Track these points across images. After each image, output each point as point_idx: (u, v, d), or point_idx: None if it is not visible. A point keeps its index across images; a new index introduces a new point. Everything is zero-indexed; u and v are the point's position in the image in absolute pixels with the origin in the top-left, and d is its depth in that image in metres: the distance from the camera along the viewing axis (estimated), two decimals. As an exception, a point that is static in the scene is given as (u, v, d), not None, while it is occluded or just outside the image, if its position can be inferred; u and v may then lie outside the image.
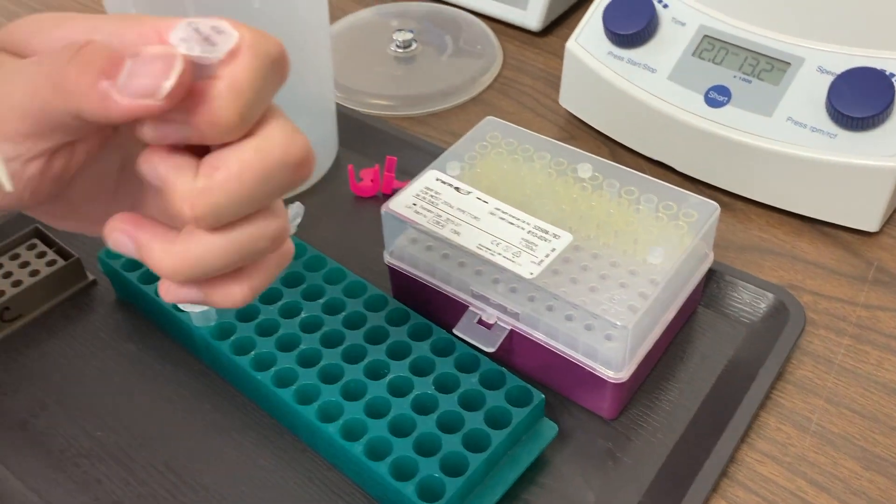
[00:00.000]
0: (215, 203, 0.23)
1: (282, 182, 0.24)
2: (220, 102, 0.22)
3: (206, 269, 0.24)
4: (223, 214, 0.24)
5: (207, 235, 0.24)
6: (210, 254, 0.24)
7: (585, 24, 0.53)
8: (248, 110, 0.23)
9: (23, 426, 0.39)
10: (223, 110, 0.23)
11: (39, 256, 0.45)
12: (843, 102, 0.45)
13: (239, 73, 0.23)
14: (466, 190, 0.41)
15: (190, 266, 0.24)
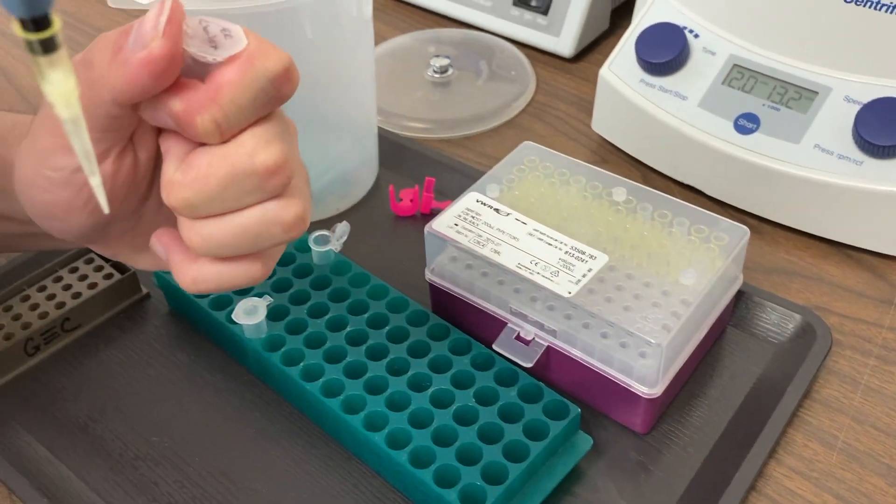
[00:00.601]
0: (184, 197, 0.26)
1: (251, 187, 0.26)
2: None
3: (219, 249, 0.27)
4: (195, 207, 0.26)
5: (212, 222, 0.27)
6: (220, 236, 0.27)
7: (618, 53, 0.55)
8: (226, 121, 0.25)
9: (83, 430, 0.41)
10: (201, 117, 0.25)
11: (97, 270, 0.47)
12: (869, 131, 0.46)
13: (225, 85, 0.25)
14: (506, 211, 0.43)
15: (207, 245, 0.27)
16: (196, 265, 0.28)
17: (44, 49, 0.20)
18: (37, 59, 0.20)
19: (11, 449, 0.40)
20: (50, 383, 0.43)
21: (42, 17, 0.20)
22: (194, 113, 0.25)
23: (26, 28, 0.20)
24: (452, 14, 0.70)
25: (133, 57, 0.24)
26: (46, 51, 0.20)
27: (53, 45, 0.20)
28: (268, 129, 0.26)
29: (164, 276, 0.45)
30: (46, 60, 0.20)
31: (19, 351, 0.44)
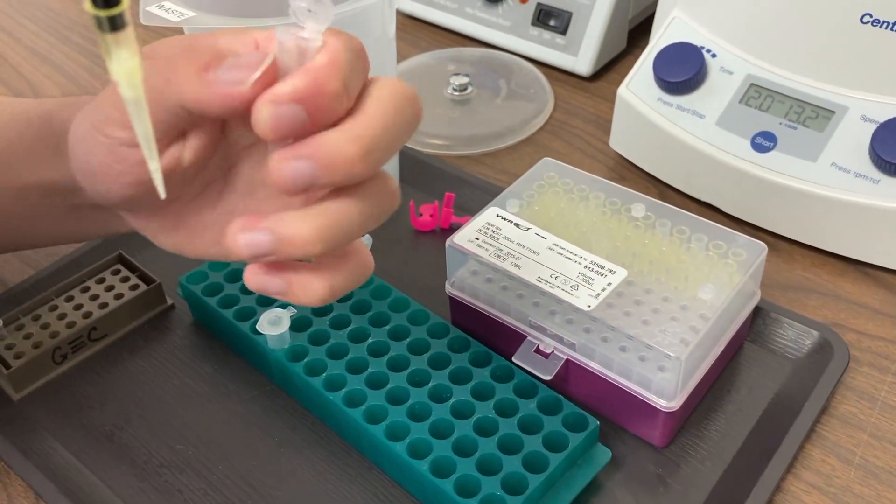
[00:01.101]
0: (362, 142, 0.26)
1: (411, 114, 0.28)
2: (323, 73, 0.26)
3: (341, 231, 0.27)
4: (374, 151, 0.26)
5: (338, 200, 0.27)
6: (345, 215, 0.27)
7: (636, 72, 0.56)
8: (347, 84, 0.26)
9: (109, 438, 0.42)
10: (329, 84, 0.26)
11: (123, 281, 0.48)
12: (885, 149, 0.47)
13: (333, 53, 0.26)
14: (526, 226, 0.43)
15: (327, 226, 0.27)
16: (328, 273, 0.29)
17: (111, 26, 0.21)
18: (104, 37, 0.21)
19: (39, 455, 0.41)
20: (77, 391, 0.44)
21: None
22: (322, 84, 0.26)
23: (96, 4, 0.20)
24: (472, 33, 0.72)
25: (221, 87, 0.26)
26: (114, 28, 0.21)
27: (121, 23, 0.21)
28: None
29: (189, 286, 0.46)
30: (113, 38, 0.21)
31: (47, 359, 0.45)
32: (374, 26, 0.47)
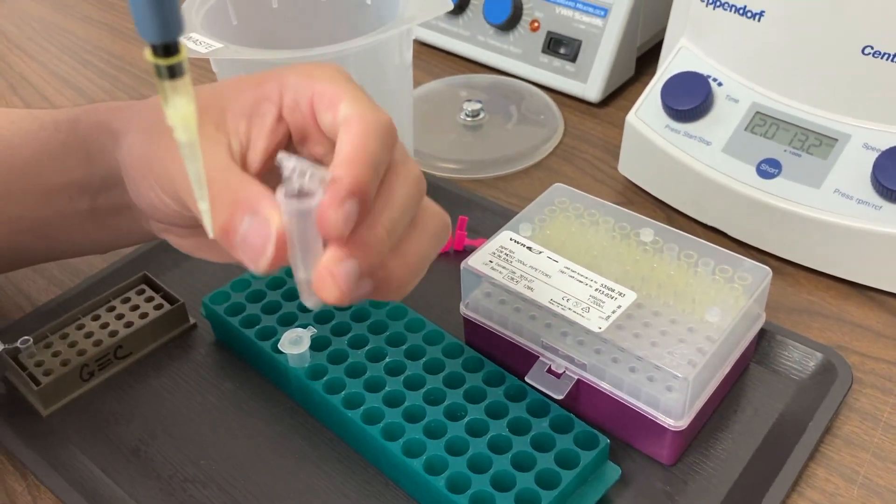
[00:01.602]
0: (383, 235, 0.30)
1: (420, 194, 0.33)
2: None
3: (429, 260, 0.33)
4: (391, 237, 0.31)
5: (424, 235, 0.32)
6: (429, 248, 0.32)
7: (645, 99, 0.57)
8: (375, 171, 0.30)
9: (135, 453, 0.43)
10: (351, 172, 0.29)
11: (148, 301, 0.50)
12: (887, 177, 0.48)
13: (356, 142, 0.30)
14: (538, 249, 0.45)
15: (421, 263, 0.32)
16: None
17: (170, 74, 0.22)
18: (162, 84, 0.22)
19: (68, 468, 0.42)
20: (103, 407, 0.46)
21: (172, 44, 0.21)
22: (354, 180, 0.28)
23: (156, 53, 0.22)
24: (484, 61, 0.74)
25: (239, 252, 0.28)
26: (172, 76, 0.22)
27: (179, 71, 0.22)
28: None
29: (212, 306, 0.48)
30: (171, 85, 0.22)
31: (75, 376, 0.46)
32: (392, 55, 0.49)
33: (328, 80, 0.33)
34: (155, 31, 0.21)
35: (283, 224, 0.28)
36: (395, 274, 0.31)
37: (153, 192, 0.34)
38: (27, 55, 0.81)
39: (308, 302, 0.30)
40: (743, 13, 0.54)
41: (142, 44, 0.80)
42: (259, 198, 0.29)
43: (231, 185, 0.29)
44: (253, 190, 0.29)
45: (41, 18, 0.88)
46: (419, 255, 0.33)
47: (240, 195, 0.29)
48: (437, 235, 0.34)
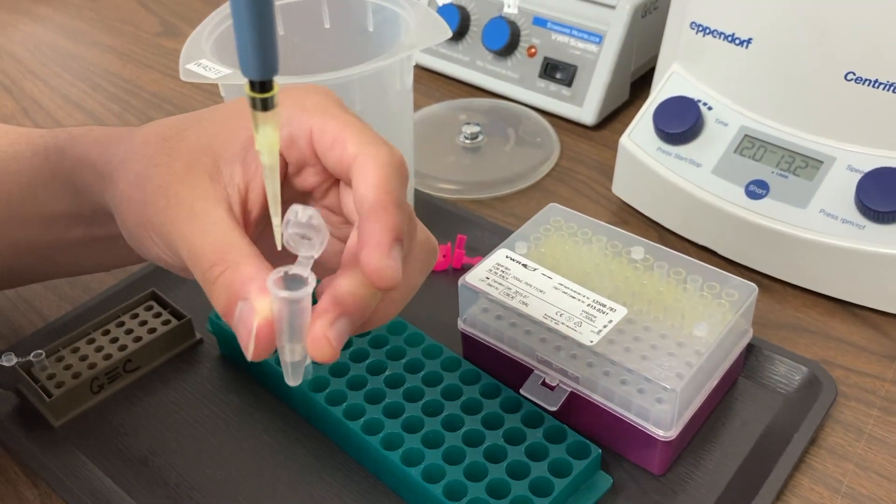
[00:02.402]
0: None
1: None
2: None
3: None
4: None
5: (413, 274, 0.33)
6: (416, 279, 0.34)
7: (637, 123, 0.59)
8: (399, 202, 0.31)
9: (144, 462, 0.45)
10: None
11: (156, 316, 0.52)
12: (870, 197, 0.50)
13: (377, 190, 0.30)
14: (533, 267, 0.47)
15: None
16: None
17: (263, 107, 0.24)
18: (255, 114, 0.25)
19: (79, 477, 0.44)
20: (113, 419, 0.47)
21: (267, 81, 0.24)
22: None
23: (253, 88, 0.24)
24: (482, 85, 0.76)
25: (234, 325, 0.30)
26: (264, 108, 0.25)
27: (271, 104, 0.25)
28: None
29: (217, 322, 0.49)
30: (262, 116, 0.25)
31: (86, 389, 0.48)
32: (394, 80, 0.51)
33: (322, 112, 0.32)
34: (256, 69, 0.23)
35: (273, 311, 0.28)
36: (379, 313, 0.32)
37: (156, 245, 0.33)
38: (39, 80, 0.83)
39: (292, 382, 0.31)
40: (732, 40, 0.56)
41: (149, 69, 0.82)
42: (250, 284, 0.29)
43: (229, 258, 0.30)
44: (246, 272, 0.29)
45: (53, 44, 0.90)
46: (406, 289, 0.33)
47: (234, 277, 0.29)
48: (424, 264, 0.34)
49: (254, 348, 0.29)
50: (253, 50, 0.23)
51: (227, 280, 0.29)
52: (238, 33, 0.23)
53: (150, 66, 0.85)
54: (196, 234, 0.31)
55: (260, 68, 0.24)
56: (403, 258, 0.30)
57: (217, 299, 0.30)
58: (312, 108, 0.32)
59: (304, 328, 0.29)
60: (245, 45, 0.23)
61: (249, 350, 0.29)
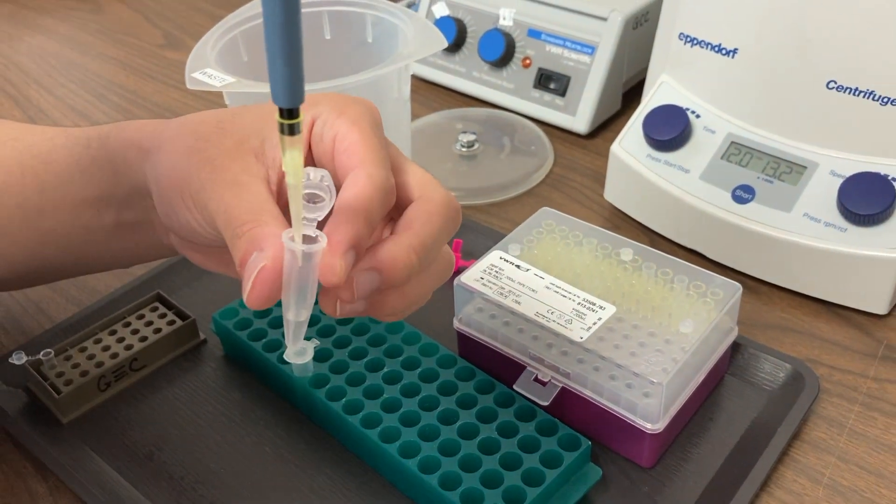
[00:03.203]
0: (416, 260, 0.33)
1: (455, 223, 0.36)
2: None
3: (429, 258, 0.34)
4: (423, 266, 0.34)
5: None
6: (430, 286, 0.35)
7: (628, 131, 0.61)
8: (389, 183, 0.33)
9: (149, 457, 0.46)
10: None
11: (161, 317, 0.53)
12: (851, 201, 0.52)
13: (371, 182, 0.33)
14: (526, 267, 0.48)
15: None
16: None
17: (290, 132, 0.27)
18: (283, 137, 0.27)
19: (87, 471, 0.45)
20: (119, 415, 0.49)
21: (295, 109, 0.27)
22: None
23: (282, 115, 0.27)
24: (478, 95, 0.78)
25: (242, 267, 0.32)
26: (291, 133, 0.27)
27: (297, 130, 0.27)
28: None
29: (222, 322, 0.51)
30: (290, 140, 0.27)
31: (93, 387, 0.49)
32: (391, 89, 0.53)
33: (352, 123, 0.35)
34: (286, 99, 0.26)
35: (282, 263, 0.31)
36: (388, 301, 0.34)
37: (189, 210, 0.36)
38: (45, 90, 0.85)
39: (291, 345, 0.33)
40: (718, 50, 0.58)
41: (153, 79, 0.84)
42: (270, 238, 0.31)
43: (261, 219, 0.32)
44: (271, 229, 0.32)
45: (58, 55, 0.92)
46: (419, 290, 0.35)
47: (258, 231, 0.32)
48: (440, 274, 0.36)
49: (251, 289, 0.30)
50: (284, 82, 0.26)
51: (252, 234, 0.32)
52: (271, 67, 0.25)
53: (153, 76, 0.87)
54: (235, 200, 0.33)
55: (290, 98, 0.26)
56: (429, 264, 0.34)
57: (237, 251, 0.32)
58: (347, 114, 0.35)
59: (310, 287, 0.31)
60: (277, 78, 0.26)
61: (246, 291, 0.30)
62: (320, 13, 0.58)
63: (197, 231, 0.37)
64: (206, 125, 0.37)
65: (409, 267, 0.32)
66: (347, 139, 0.34)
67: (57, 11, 1.02)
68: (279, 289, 0.31)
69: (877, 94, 0.52)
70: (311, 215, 0.31)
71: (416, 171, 0.36)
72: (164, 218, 0.39)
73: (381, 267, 0.32)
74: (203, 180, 0.34)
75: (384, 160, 0.34)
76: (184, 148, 0.36)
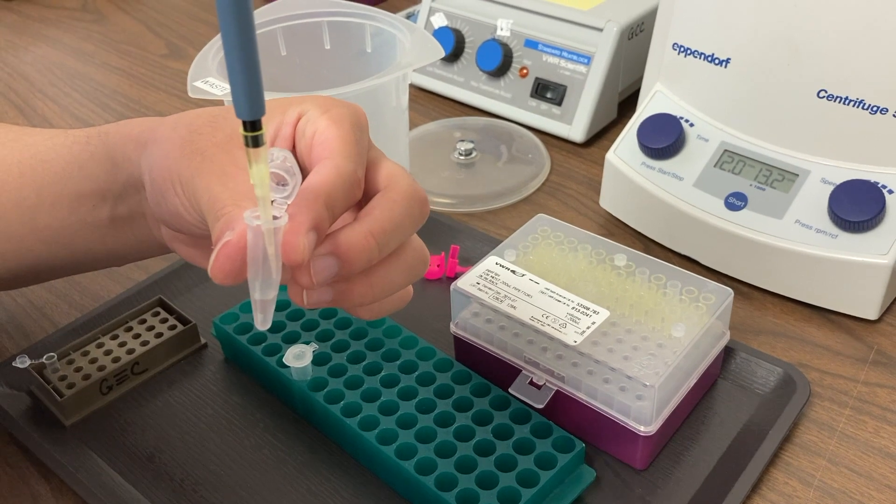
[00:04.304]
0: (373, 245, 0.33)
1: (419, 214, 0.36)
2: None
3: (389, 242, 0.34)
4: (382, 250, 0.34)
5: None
6: (398, 277, 0.35)
7: (623, 139, 0.62)
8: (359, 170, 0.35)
9: (150, 459, 0.47)
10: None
11: (162, 322, 0.54)
12: (841, 208, 0.53)
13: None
14: (521, 273, 0.49)
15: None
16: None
17: (254, 143, 0.28)
18: (248, 150, 0.28)
19: (89, 472, 0.46)
20: (121, 418, 0.50)
21: (257, 121, 0.28)
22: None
23: (245, 128, 0.28)
24: (477, 104, 0.79)
25: (215, 245, 0.32)
26: (256, 145, 0.28)
27: (261, 141, 0.28)
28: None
29: (223, 326, 0.52)
30: (254, 152, 0.28)
31: (95, 390, 0.50)
32: (389, 98, 0.54)
33: (333, 121, 0.36)
34: (247, 111, 0.28)
35: (245, 240, 0.31)
36: (355, 290, 0.34)
37: (178, 196, 0.37)
38: (49, 99, 0.86)
39: (260, 325, 0.33)
40: (711, 60, 0.59)
41: (155, 89, 0.85)
42: (238, 218, 0.32)
43: (241, 204, 0.33)
44: (241, 211, 0.33)
45: (62, 65, 0.93)
46: (386, 281, 0.35)
47: (235, 213, 0.33)
48: (409, 267, 0.36)
49: (213, 262, 0.31)
50: (244, 96, 0.27)
51: (229, 215, 0.33)
52: (232, 83, 0.27)
53: (156, 86, 0.88)
54: (220, 188, 0.34)
55: (250, 110, 0.28)
56: (389, 250, 0.34)
57: (214, 231, 0.33)
58: (330, 113, 0.36)
59: (273, 266, 0.31)
60: (238, 92, 0.27)
61: (210, 264, 0.31)
62: (320, 23, 0.59)
63: (184, 217, 0.38)
64: (200, 119, 0.38)
65: (366, 251, 0.33)
66: (325, 134, 0.35)
67: (61, 22, 1.04)
68: (242, 265, 0.31)
69: (866, 104, 0.53)
70: (275, 195, 0.32)
71: (388, 165, 0.36)
72: (155, 206, 0.40)
73: (338, 251, 0.32)
74: (193, 169, 0.36)
75: (355, 155, 0.35)
76: (178, 139, 0.37)
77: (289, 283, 0.33)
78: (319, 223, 0.32)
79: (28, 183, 0.43)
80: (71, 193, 0.43)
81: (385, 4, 1.04)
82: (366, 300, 0.35)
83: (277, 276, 0.32)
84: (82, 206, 0.43)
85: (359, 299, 0.34)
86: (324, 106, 0.36)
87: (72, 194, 0.43)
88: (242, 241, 0.31)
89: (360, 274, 0.34)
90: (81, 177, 0.43)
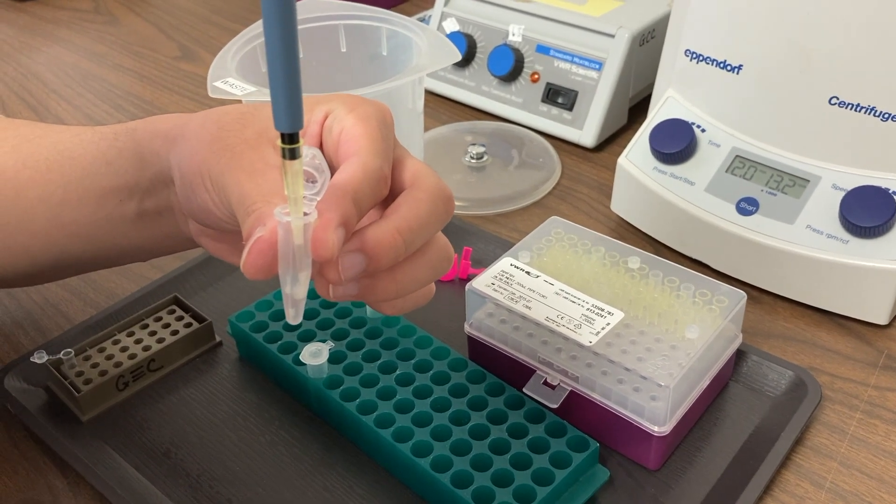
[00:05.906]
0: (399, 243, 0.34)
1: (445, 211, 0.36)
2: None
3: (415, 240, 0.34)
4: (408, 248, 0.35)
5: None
6: (423, 274, 0.35)
7: (634, 144, 0.63)
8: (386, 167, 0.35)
9: (166, 455, 0.48)
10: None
11: (178, 320, 0.54)
12: (853, 214, 0.53)
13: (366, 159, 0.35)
14: (536, 274, 0.50)
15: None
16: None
17: (291, 156, 0.29)
18: (284, 161, 0.29)
19: (106, 467, 0.46)
20: (137, 414, 0.50)
21: (295, 134, 0.29)
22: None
23: (283, 140, 0.29)
24: (488, 109, 0.79)
25: (246, 242, 0.33)
26: (293, 157, 0.29)
27: (298, 154, 0.29)
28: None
29: (237, 324, 0.52)
30: (290, 164, 0.29)
31: (111, 386, 0.50)
32: (405, 101, 0.55)
33: (359, 118, 0.36)
34: (287, 124, 0.28)
35: (277, 237, 0.32)
36: (380, 286, 0.35)
37: (208, 192, 0.37)
38: (64, 100, 0.87)
39: (291, 319, 0.34)
40: (723, 67, 0.60)
41: (169, 90, 0.86)
42: (269, 214, 0.33)
43: (272, 201, 0.34)
44: (271, 207, 0.33)
45: (76, 66, 0.94)
46: (410, 277, 0.36)
47: (266, 209, 0.33)
48: (434, 264, 0.36)
49: (245, 257, 0.32)
50: (285, 109, 0.28)
51: (260, 212, 0.33)
52: (273, 95, 0.28)
53: (169, 88, 0.89)
54: (250, 184, 0.35)
55: (290, 123, 0.28)
56: (415, 248, 0.34)
57: (245, 227, 0.33)
58: (357, 111, 0.37)
59: (303, 259, 0.32)
60: (279, 106, 0.28)
61: (242, 259, 0.32)
62: (337, 27, 0.60)
63: (213, 213, 0.38)
64: (228, 116, 0.39)
65: (393, 248, 0.33)
66: (352, 132, 0.36)
67: (74, 23, 1.05)
68: (273, 260, 0.32)
69: (878, 110, 0.53)
70: (304, 192, 0.32)
71: (413, 163, 0.37)
72: (185, 201, 0.40)
73: (365, 248, 0.33)
74: (223, 165, 0.36)
75: (381, 152, 0.36)
76: (207, 136, 0.38)
77: (315, 278, 0.34)
78: (348, 220, 0.32)
79: (55, 178, 0.43)
80: (98, 189, 0.43)
81: (397, 9, 1.04)
82: (390, 296, 0.35)
83: (307, 272, 0.32)
84: (109, 202, 0.43)
85: (383, 295, 0.35)
86: (350, 104, 0.37)
87: (99, 190, 0.43)
88: (273, 237, 0.31)
89: (386, 270, 0.34)
90: (109, 172, 0.43)
